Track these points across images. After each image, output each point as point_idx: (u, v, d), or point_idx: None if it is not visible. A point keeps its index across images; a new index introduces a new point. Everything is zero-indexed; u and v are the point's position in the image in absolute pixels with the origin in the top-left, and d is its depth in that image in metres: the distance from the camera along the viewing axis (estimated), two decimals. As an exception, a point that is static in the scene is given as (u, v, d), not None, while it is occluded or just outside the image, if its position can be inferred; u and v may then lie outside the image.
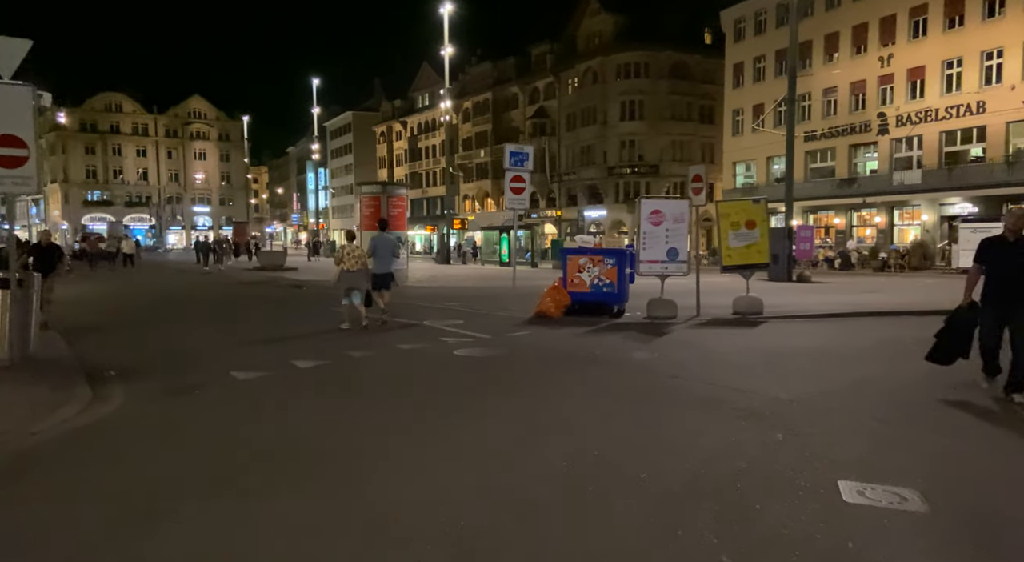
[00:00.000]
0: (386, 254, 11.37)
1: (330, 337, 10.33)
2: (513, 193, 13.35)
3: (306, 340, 10.08)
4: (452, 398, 6.27)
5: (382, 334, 10.45)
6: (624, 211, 54.50)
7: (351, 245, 11.03)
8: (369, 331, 10.56)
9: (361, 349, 8.91)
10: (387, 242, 11.55)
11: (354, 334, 10.46)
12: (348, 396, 6.52)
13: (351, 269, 10.74)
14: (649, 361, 8.03)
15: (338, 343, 9.62)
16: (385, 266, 11.31)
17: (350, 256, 10.82)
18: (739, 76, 44.20)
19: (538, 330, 10.76)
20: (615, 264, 12.04)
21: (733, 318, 12.02)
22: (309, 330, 11.16)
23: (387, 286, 11.39)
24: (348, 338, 10.08)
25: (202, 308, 15.76)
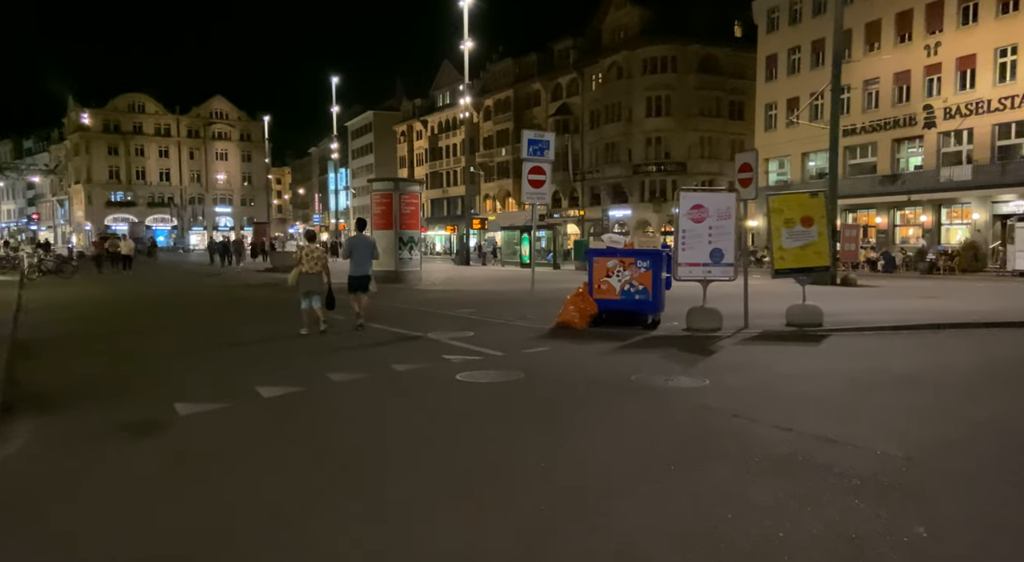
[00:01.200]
0: (364, 256, 10.80)
1: (315, 350, 8.83)
2: (532, 186, 11.74)
3: (285, 355, 8.58)
4: (440, 457, 4.55)
5: (375, 350, 8.93)
6: (650, 210, 52.65)
7: (310, 246, 10.48)
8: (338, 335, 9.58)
9: (346, 370, 7.37)
10: (364, 243, 10.98)
11: (346, 350, 8.97)
12: (303, 454, 4.79)
13: (310, 271, 10.17)
14: (699, 391, 6.36)
15: (322, 360, 8.11)
16: (362, 268, 10.78)
17: (309, 257, 10.22)
18: (772, 68, 42.14)
19: (559, 345, 9.14)
20: (649, 267, 10.38)
21: (788, 331, 10.29)
22: (292, 342, 9.70)
23: (364, 289, 10.83)
24: (337, 355, 8.57)
25: (187, 315, 14.34)
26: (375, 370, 7.48)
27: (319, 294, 10.29)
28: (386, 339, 9.90)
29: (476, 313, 13.05)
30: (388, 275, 21.99)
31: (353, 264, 10.78)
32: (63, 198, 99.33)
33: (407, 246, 22.21)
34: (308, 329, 10.14)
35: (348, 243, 11.15)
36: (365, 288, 10.85)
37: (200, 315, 14.19)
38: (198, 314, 14.41)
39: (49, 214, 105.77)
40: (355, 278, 10.80)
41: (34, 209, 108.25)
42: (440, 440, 4.96)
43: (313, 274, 10.20)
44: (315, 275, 10.22)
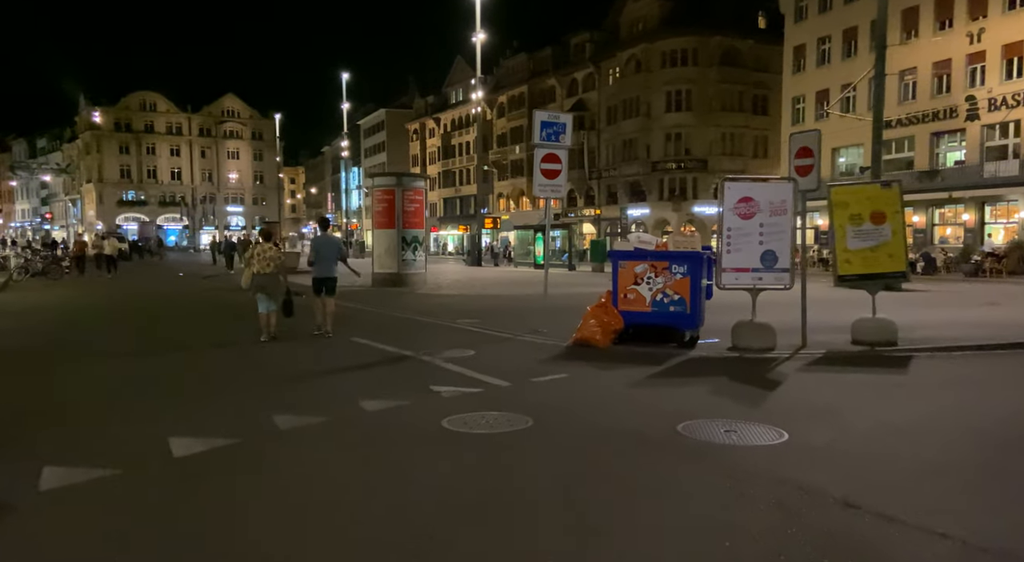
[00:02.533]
0: (329, 256, 10.22)
1: (269, 375, 7.13)
2: (545, 177, 9.98)
3: (230, 381, 6.88)
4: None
5: (348, 376, 7.19)
6: (668, 209, 50.70)
7: (264, 245, 9.77)
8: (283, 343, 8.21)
9: (299, 408, 5.64)
10: (330, 243, 10.45)
11: (310, 376, 7.23)
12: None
13: (262, 272, 9.54)
14: (779, 455, 4.48)
15: (274, 392, 6.40)
16: (327, 270, 10.18)
17: (261, 257, 9.59)
18: (800, 59, 40.03)
19: (579, 370, 7.36)
20: (687, 273, 8.57)
21: (858, 351, 8.44)
22: (245, 359, 8.02)
23: (331, 291, 10.16)
24: (295, 385, 6.83)
25: (144, 326, 12.53)
26: (338, 408, 5.74)
27: (275, 297, 9.68)
28: (366, 359, 8.17)
29: (481, 324, 11.30)
30: (390, 278, 20.32)
31: (317, 265, 10.18)
32: (75, 197, 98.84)
33: (411, 246, 20.50)
34: (266, 334, 9.61)
35: (312, 244, 10.63)
36: (332, 291, 10.19)
37: (158, 326, 12.41)
38: (157, 325, 12.58)
39: (62, 214, 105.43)
40: (320, 280, 10.13)
41: (47, 208, 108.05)
42: (406, 552, 3.19)
43: (266, 275, 9.55)
44: (269, 276, 9.57)
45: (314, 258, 10.30)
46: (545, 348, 8.87)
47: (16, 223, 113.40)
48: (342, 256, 10.53)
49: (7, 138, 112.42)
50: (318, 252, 10.28)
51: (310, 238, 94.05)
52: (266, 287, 9.59)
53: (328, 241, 10.54)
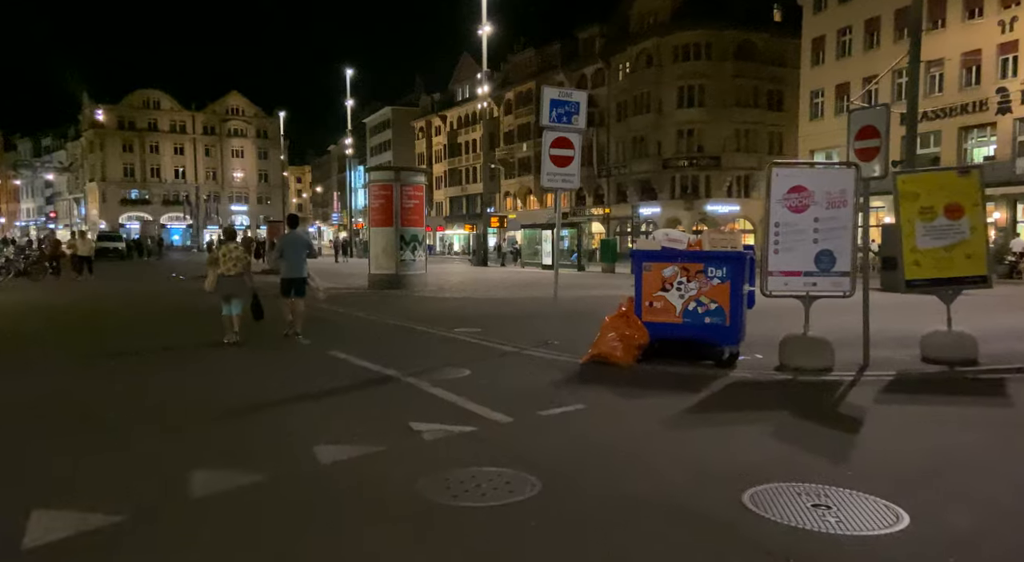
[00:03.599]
0: (298, 255, 9.71)
1: (212, 407, 5.72)
2: (554, 164, 8.60)
3: (159, 417, 5.47)
4: None
5: (309, 406, 5.75)
6: (680, 208, 49.20)
7: (228, 245, 9.38)
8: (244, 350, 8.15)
9: (232, 463, 4.22)
10: (297, 241, 9.87)
11: (263, 407, 5.83)
12: None
13: (227, 273, 9.10)
14: (913, 555, 3.05)
15: (209, 432, 5.00)
16: (297, 269, 9.68)
17: (227, 258, 9.16)
18: (819, 52, 38.43)
19: (597, 398, 5.94)
20: (726, 277, 7.13)
21: (936, 373, 6.98)
22: (187, 380, 6.64)
23: (300, 292, 9.74)
24: (238, 420, 5.43)
25: (100, 334, 11.15)
26: (282, 459, 4.33)
27: (240, 299, 9.26)
28: (339, 381, 6.76)
29: (482, 334, 9.89)
30: (387, 279, 18.94)
31: (286, 265, 9.72)
32: (79, 196, 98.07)
33: (409, 246, 19.10)
34: (229, 337, 9.09)
35: (280, 242, 10.14)
36: (301, 291, 9.72)
37: (109, 334, 11.02)
38: (108, 333, 11.17)
39: (66, 212, 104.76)
40: (288, 280, 9.67)
41: (52, 207, 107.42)
42: None
43: (232, 277, 9.14)
44: (235, 278, 9.17)
45: (279, 256, 9.88)
46: (555, 366, 7.46)
47: (21, 222, 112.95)
48: (312, 254, 10.04)
49: (12, 137, 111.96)
50: (285, 251, 9.77)
51: (328, 238, 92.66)
52: (232, 289, 9.17)
53: (296, 239, 9.90)
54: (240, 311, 9.21)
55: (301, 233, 10.37)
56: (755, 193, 49.42)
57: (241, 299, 9.27)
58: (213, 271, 9.21)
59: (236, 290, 9.19)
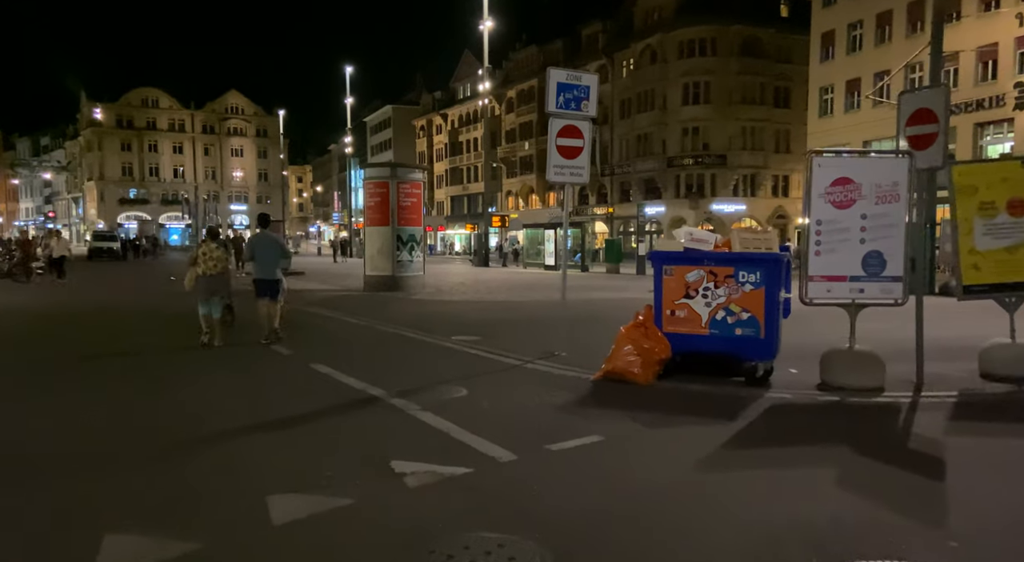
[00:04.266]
0: (269, 256, 9.29)
1: (159, 437, 4.82)
2: (562, 155, 7.71)
3: (94, 452, 4.58)
4: None
5: (273, 438, 4.86)
6: (685, 207, 48.28)
7: (209, 245, 9.14)
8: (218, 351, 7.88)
9: (157, 527, 3.34)
10: (268, 242, 9.49)
11: (219, 438, 4.94)
12: None
13: (208, 273, 8.91)
14: None
15: (147, 475, 4.10)
16: (268, 271, 9.27)
17: (207, 258, 8.94)
18: (829, 47, 37.48)
19: (615, 428, 5.05)
20: (761, 282, 6.24)
21: (1006, 393, 6.08)
22: (147, 408, 5.73)
23: (273, 295, 9.30)
24: (186, 458, 4.54)
25: (50, 343, 10.21)
26: (226, 517, 3.44)
27: (219, 299, 9.02)
28: (315, 403, 5.87)
29: (482, 343, 9.00)
30: (383, 281, 18.06)
31: (257, 266, 9.37)
32: (78, 196, 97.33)
33: (407, 246, 18.21)
34: (217, 339, 8.89)
35: (250, 243, 9.86)
36: (274, 294, 9.30)
37: (71, 338, 10.18)
38: (68, 338, 10.36)
39: (65, 212, 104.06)
40: (260, 282, 9.31)
41: (50, 207, 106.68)
42: None
43: (213, 276, 8.91)
44: (216, 277, 8.94)
45: (250, 258, 9.51)
46: (564, 383, 6.57)
47: (20, 222, 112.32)
48: (285, 254, 9.58)
49: (11, 136, 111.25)
50: (255, 252, 9.37)
51: (328, 237, 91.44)
52: (214, 287, 8.93)
53: (267, 240, 9.52)
54: (219, 313, 9.05)
55: (272, 233, 10.01)
56: (761, 192, 48.51)
57: (220, 299, 9.09)
58: (192, 271, 8.98)
59: (215, 290, 8.97)
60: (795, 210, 48.75)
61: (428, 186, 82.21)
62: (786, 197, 49.14)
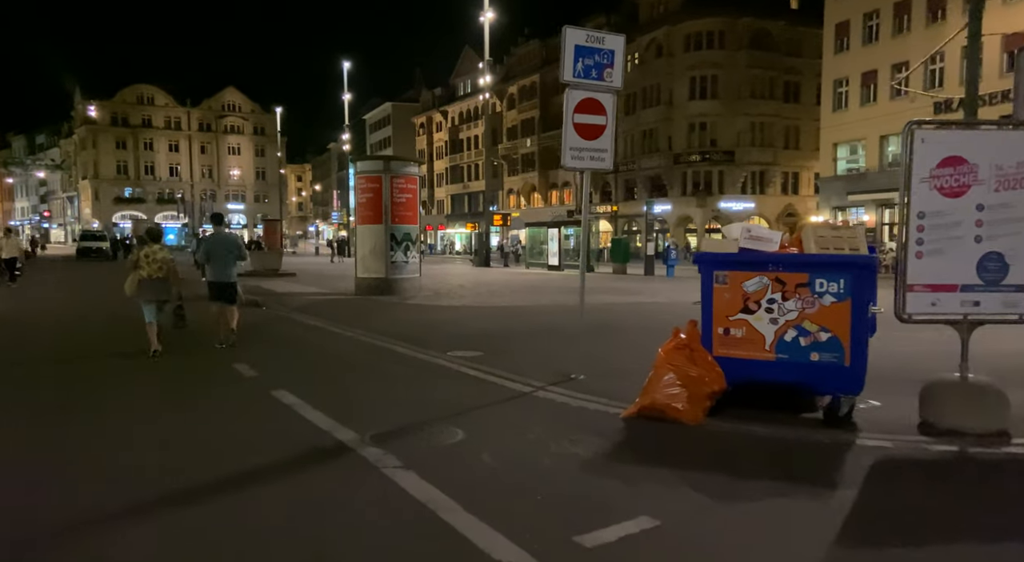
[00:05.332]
0: (224, 257, 8.76)
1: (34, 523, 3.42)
2: (579, 135, 6.26)
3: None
4: None
5: (175, 520, 3.46)
6: (692, 205, 46.89)
7: (151, 246, 8.29)
8: None
9: None
10: (223, 242, 8.91)
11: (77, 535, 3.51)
12: None
13: (151, 277, 8.16)
14: None
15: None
16: (223, 273, 8.77)
17: (149, 260, 8.19)
18: (843, 38, 36.01)
19: (669, 502, 3.62)
20: (845, 293, 4.80)
21: None
22: (28, 473, 4.30)
23: (230, 299, 8.82)
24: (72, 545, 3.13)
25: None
26: None
27: (165, 303, 8.34)
28: (263, 454, 4.43)
29: (483, 361, 7.57)
30: (376, 284, 16.63)
31: (211, 269, 8.77)
32: (73, 195, 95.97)
33: (401, 246, 16.77)
34: (156, 347, 8.21)
35: (204, 244, 9.16)
36: (231, 298, 8.78)
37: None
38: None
39: (60, 211, 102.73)
40: (215, 285, 8.79)
41: (46, 206, 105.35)
42: None
43: (156, 280, 8.19)
44: (160, 281, 8.22)
45: (204, 260, 8.87)
46: (587, 421, 5.14)
47: (15, 221, 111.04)
48: (239, 256, 8.94)
49: (7, 134, 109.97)
50: (210, 253, 8.77)
51: (327, 237, 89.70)
52: (156, 292, 8.22)
53: (222, 240, 8.92)
54: (168, 319, 8.46)
55: (228, 233, 9.47)
56: (770, 189, 47.07)
57: (165, 306, 8.38)
58: (134, 275, 8.19)
59: (159, 294, 8.24)
60: (805, 208, 47.29)
61: (428, 184, 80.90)
62: (796, 195, 47.71)
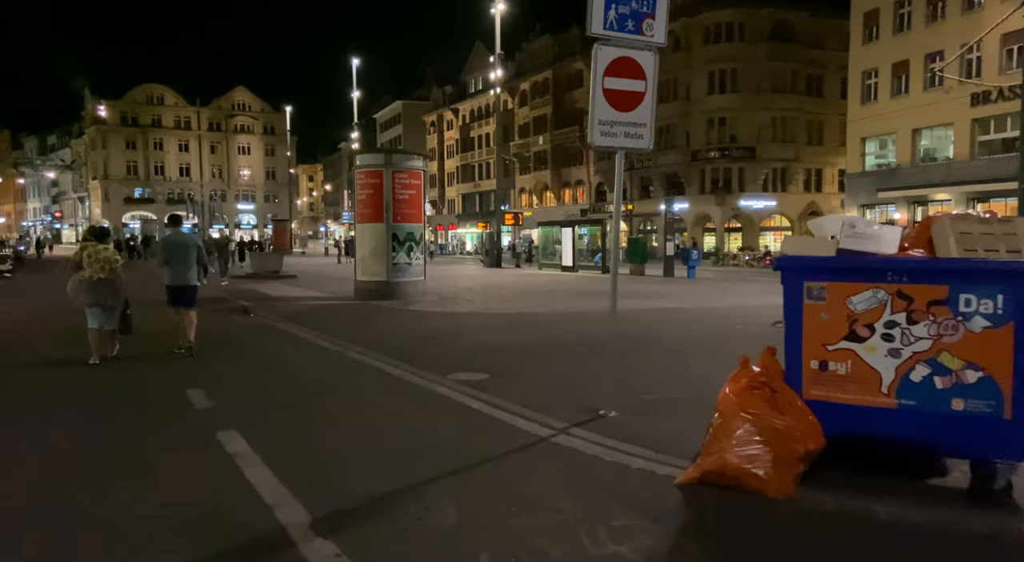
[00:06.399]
0: (182, 260, 8.16)
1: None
2: (611, 105, 4.78)
3: None
4: None
5: None
6: (711, 203, 45.32)
7: (95, 246, 7.76)
8: None
9: None
10: (182, 243, 8.31)
11: None
12: None
13: (94, 278, 7.59)
14: None
15: None
16: (182, 276, 8.21)
17: (93, 260, 7.61)
18: (872, 27, 34.29)
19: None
20: (1005, 315, 3.34)
21: None
22: None
23: (188, 303, 8.24)
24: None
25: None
26: None
27: (111, 309, 7.83)
28: (167, 555, 3.05)
29: (489, 387, 6.19)
30: (377, 288, 15.29)
31: (170, 272, 8.37)
32: (83, 195, 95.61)
33: (404, 246, 15.41)
34: (98, 356, 7.67)
35: (161, 246, 8.65)
36: (190, 302, 8.42)
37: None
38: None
39: (72, 212, 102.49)
40: (173, 289, 8.40)
41: (57, 207, 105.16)
42: None
43: (100, 282, 7.74)
44: (103, 283, 7.76)
45: (163, 263, 8.34)
46: (628, 488, 3.75)
47: (28, 222, 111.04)
48: (200, 260, 8.44)
49: (19, 135, 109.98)
50: (168, 255, 8.30)
51: (336, 236, 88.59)
52: (100, 295, 7.75)
53: (180, 242, 8.45)
54: (111, 324, 7.86)
55: (187, 233, 9.10)
56: (792, 187, 45.39)
57: (112, 308, 7.82)
58: (77, 275, 7.70)
59: (103, 297, 7.69)
60: (829, 207, 45.54)
61: (439, 183, 79.65)
62: (819, 192, 46.00)
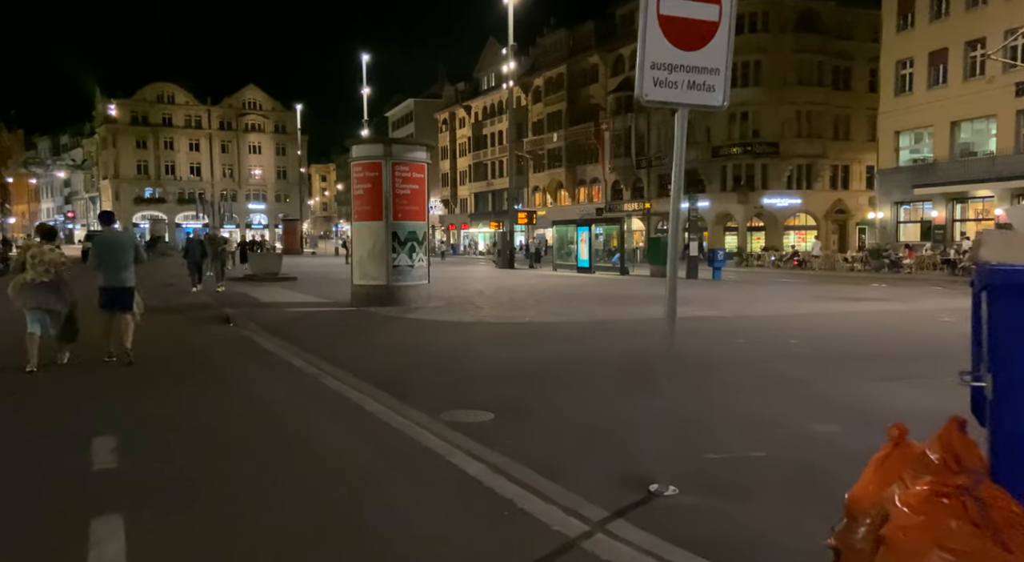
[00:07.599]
0: (116, 259, 7.69)
1: None
2: (671, 41, 3.16)
3: None
4: None
5: None
6: (733, 201, 43.51)
7: (41, 247, 7.40)
8: None
9: None
10: (116, 242, 7.89)
11: None
12: None
13: (36, 281, 7.26)
14: None
15: None
16: (116, 277, 7.70)
17: (36, 262, 7.30)
18: (907, 14, 32.41)
19: None
20: None
21: None
22: None
23: (123, 306, 7.66)
24: None
25: None
26: None
27: (54, 313, 7.32)
28: None
29: (494, 439, 4.68)
30: (375, 293, 13.77)
31: (104, 272, 7.69)
32: (95, 195, 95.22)
33: (406, 247, 13.89)
34: (35, 364, 7.06)
35: (94, 244, 8.10)
36: (125, 306, 7.63)
37: None
38: None
39: (84, 212, 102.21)
40: (107, 291, 7.66)
41: (70, 207, 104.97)
42: None
43: (43, 285, 7.25)
44: (46, 286, 7.27)
45: (96, 264, 7.87)
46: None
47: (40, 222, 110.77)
48: (137, 258, 7.91)
49: (32, 136, 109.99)
50: (100, 255, 7.87)
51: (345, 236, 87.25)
52: (41, 298, 7.33)
53: (114, 240, 8.03)
54: (55, 329, 7.45)
55: (121, 232, 8.61)
56: (818, 184, 43.51)
57: (55, 313, 7.42)
58: (19, 277, 7.37)
59: (45, 301, 7.31)
60: (855, 204, 43.64)
61: (451, 182, 78.25)
62: (846, 189, 44.08)
